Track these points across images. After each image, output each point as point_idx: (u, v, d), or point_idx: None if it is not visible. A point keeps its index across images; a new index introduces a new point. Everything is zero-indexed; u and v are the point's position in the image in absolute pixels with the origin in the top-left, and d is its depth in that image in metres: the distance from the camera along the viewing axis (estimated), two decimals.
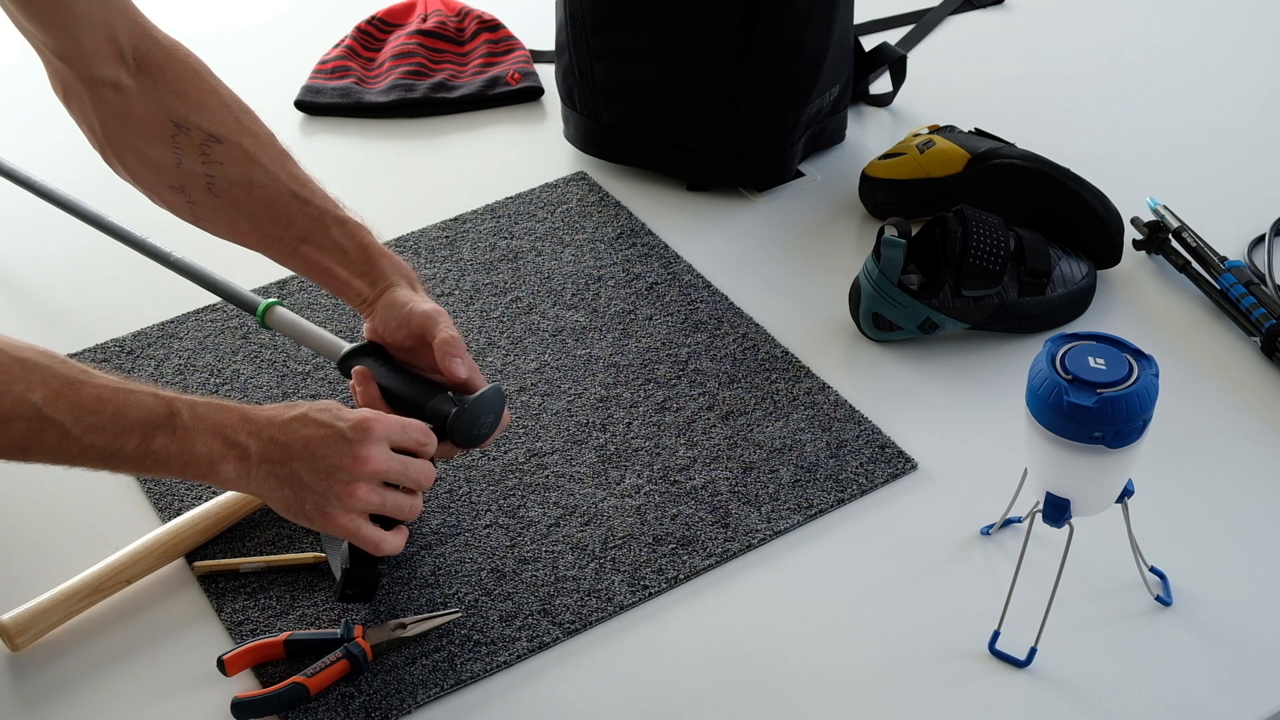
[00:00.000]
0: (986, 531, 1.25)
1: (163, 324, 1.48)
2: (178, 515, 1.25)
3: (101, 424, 1.05)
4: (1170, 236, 1.52)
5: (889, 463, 1.31)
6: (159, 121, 1.23)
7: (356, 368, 1.23)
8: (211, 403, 1.10)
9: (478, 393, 1.20)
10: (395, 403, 1.21)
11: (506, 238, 1.58)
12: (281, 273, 1.52)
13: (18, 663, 1.16)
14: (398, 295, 1.23)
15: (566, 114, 1.69)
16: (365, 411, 1.14)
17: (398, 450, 1.13)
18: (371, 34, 1.88)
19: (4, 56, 1.83)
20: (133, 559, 1.20)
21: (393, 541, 1.14)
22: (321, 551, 1.23)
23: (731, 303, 1.49)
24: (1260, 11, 1.96)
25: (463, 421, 1.18)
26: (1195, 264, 1.50)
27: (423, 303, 1.23)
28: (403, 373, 1.23)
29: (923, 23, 1.94)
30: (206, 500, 1.25)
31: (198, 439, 1.08)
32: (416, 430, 1.15)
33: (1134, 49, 1.90)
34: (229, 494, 1.25)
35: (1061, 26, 1.95)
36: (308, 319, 1.47)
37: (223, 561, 1.22)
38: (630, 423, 1.35)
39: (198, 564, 1.22)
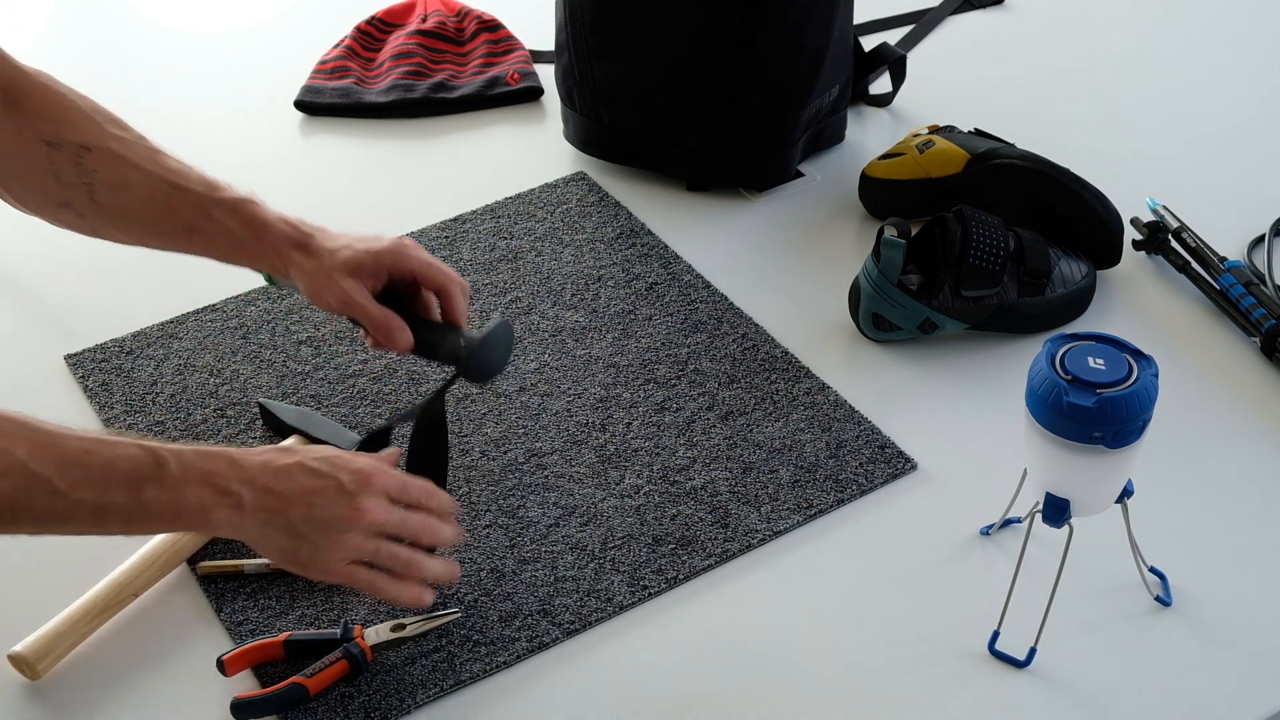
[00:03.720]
0: (986, 531, 1.25)
1: (163, 324, 1.48)
2: None
3: (89, 478, 1.02)
4: (1170, 236, 1.52)
5: (889, 463, 1.31)
6: (32, 145, 1.23)
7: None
8: (199, 450, 1.07)
9: (485, 331, 1.20)
10: (411, 351, 1.22)
11: (506, 238, 1.58)
12: None
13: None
14: (307, 284, 1.22)
15: (566, 114, 1.69)
16: (365, 461, 1.11)
17: (400, 504, 1.11)
18: (371, 34, 1.88)
19: None
20: (137, 571, 1.20)
21: (399, 590, 1.11)
22: None
23: (731, 303, 1.49)
24: (1259, 11, 1.97)
25: (474, 362, 1.20)
26: (1195, 264, 1.50)
27: (330, 282, 1.20)
28: (410, 320, 1.22)
29: (923, 23, 1.94)
30: None
31: (188, 489, 1.04)
32: (418, 490, 1.12)
33: (1133, 49, 1.90)
34: None
35: (1061, 26, 1.95)
36: (300, 327, 1.47)
37: (226, 563, 1.22)
38: (630, 423, 1.35)
39: (202, 565, 1.22)
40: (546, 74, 1.81)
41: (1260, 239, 1.55)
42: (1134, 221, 1.55)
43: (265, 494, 1.06)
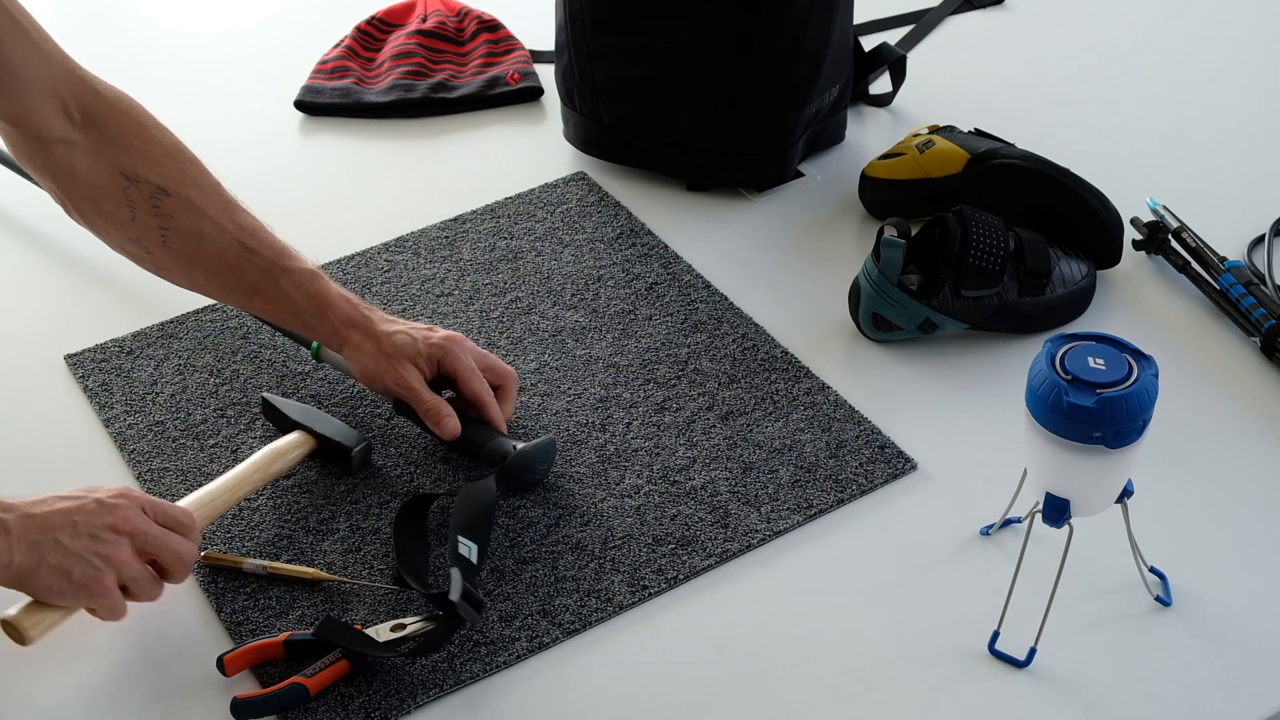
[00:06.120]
0: (986, 532, 1.25)
1: (163, 324, 1.48)
2: (173, 501, 1.25)
3: None
4: (1170, 237, 1.52)
5: (889, 463, 1.31)
6: (110, 176, 1.25)
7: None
8: None
9: (534, 442, 1.27)
10: (455, 446, 1.30)
11: (506, 238, 1.58)
12: None
13: (17, 662, 1.16)
14: (362, 363, 1.29)
15: (566, 114, 1.69)
16: (115, 484, 1.15)
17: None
18: (371, 34, 1.88)
19: None
20: None
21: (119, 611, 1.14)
22: (342, 573, 1.23)
23: (731, 303, 1.49)
24: (1259, 11, 1.97)
25: (518, 468, 1.27)
26: (1195, 264, 1.50)
27: (389, 366, 1.28)
28: (458, 412, 1.30)
29: (923, 23, 1.94)
30: (193, 491, 1.25)
31: None
32: (174, 509, 1.16)
33: (1133, 49, 1.90)
34: (225, 477, 1.25)
35: (1061, 26, 1.95)
36: None
37: (228, 555, 1.22)
38: (630, 423, 1.35)
39: (205, 554, 1.22)
40: (546, 74, 1.81)
41: (1260, 239, 1.55)
42: (1134, 221, 1.55)
43: (26, 519, 1.09)
